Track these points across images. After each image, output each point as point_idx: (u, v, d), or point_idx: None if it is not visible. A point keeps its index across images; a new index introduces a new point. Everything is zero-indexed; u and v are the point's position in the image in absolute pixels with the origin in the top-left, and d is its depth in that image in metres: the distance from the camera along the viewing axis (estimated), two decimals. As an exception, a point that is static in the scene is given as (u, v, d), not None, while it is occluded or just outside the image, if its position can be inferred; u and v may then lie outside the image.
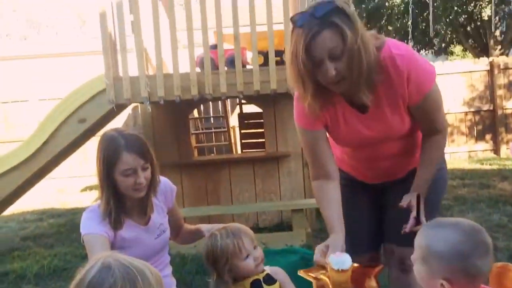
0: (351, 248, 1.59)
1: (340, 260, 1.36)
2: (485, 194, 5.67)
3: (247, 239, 1.62)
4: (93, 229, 1.71)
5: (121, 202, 1.76)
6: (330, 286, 1.36)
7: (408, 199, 1.68)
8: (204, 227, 2.00)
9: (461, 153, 8.90)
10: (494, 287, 1.40)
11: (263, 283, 1.65)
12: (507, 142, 8.62)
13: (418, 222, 1.64)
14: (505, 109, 8.80)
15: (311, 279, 1.45)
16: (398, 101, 1.62)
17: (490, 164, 7.89)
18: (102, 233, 1.70)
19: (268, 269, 1.70)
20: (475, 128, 8.98)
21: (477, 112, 8.93)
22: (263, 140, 5.27)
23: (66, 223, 5.90)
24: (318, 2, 1.48)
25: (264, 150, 5.23)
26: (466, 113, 8.88)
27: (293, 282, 1.73)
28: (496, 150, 8.90)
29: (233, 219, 4.34)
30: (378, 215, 1.93)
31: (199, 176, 4.94)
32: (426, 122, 1.69)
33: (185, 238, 2.09)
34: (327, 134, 1.76)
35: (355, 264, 1.43)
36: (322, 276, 1.42)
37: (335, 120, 1.70)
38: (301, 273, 1.39)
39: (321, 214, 1.70)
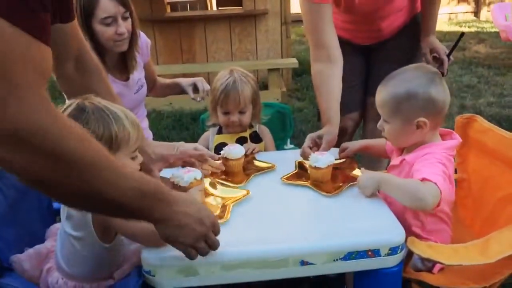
0: (342, 107, 1.63)
1: (317, 157, 1.38)
2: (459, 56, 5.71)
3: None
4: None
5: (103, 57, 1.73)
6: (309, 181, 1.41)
7: (427, 47, 1.86)
8: (183, 81, 1.99)
9: (441, 14, 8.73)
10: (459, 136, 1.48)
11: (249, 141, 1.70)
12: (489, 4, 8.45)
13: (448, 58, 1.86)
14: (494, -33, 8.47)
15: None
16: None
17: (469, 27, 7.83)
18: None
19: (257, 128, 1.74)
20: (459, -12, 8.74)
21: (464, -29, 8.62)
22: (240, -4, 5.00)
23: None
24: None
25: (241, 7, 4.99)
26: (452, -27, 8.55)
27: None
28: (477, 13, 8.77)
29: (208, 78, 4.31)
30: (366, 74, 1.99)
31: (173, 33, 4.75)
32: None
33: (160, 91, 2.10)
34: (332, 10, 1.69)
35: (336, 161, 1.45)
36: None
37: None
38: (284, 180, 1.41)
39: (297, 74, 1.71)
